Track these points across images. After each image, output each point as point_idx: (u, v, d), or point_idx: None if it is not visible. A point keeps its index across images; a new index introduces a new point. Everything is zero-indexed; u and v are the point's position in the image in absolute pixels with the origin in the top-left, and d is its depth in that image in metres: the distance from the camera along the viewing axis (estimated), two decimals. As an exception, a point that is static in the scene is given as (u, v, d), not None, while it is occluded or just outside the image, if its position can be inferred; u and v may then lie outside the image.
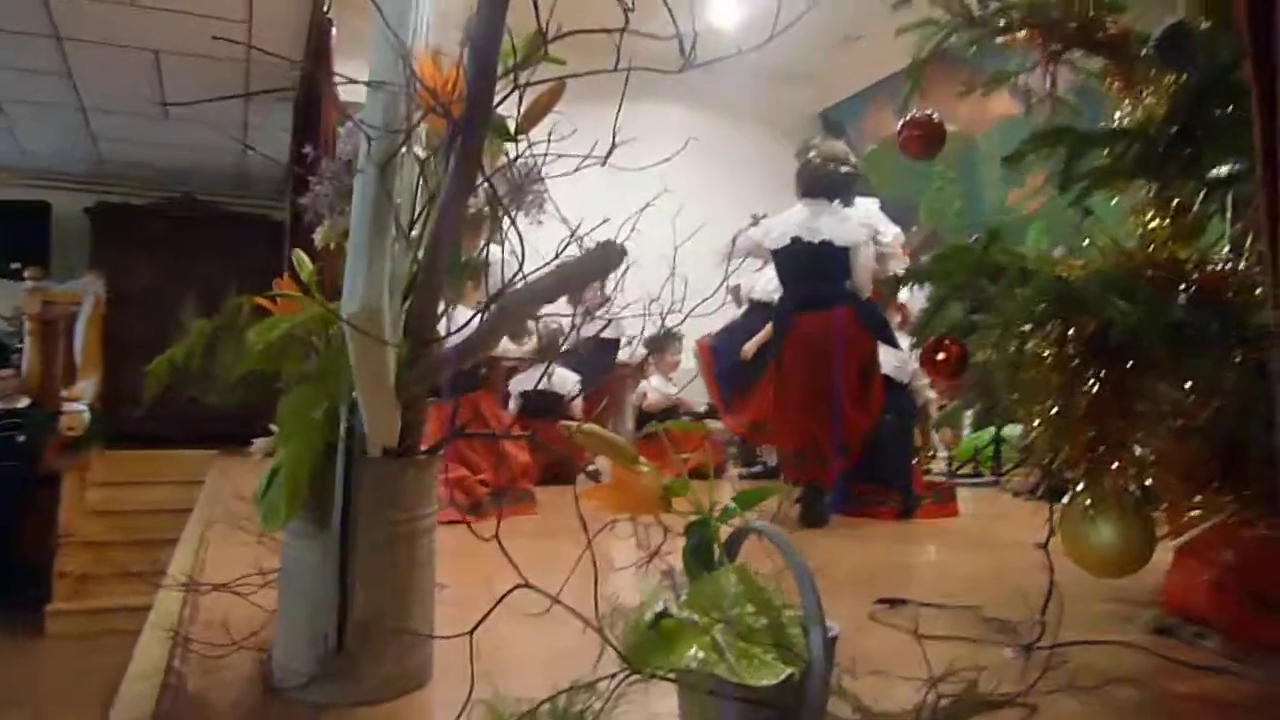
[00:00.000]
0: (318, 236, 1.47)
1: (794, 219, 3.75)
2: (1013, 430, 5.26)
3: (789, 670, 1.01)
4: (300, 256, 1.59)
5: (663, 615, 1.11)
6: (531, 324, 5.03)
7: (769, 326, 5.46)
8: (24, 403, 6.84)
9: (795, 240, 3.69)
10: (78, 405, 6.18)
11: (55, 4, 5.73)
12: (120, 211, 8.96)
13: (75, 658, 4.98)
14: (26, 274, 7.14)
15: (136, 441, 6.74)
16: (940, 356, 1.68)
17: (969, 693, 1.31)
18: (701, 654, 1.03)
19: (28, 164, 8.98)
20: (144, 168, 9.05)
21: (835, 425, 3.52)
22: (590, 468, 3.88)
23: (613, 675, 1.01)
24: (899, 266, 3.90)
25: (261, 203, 9.53)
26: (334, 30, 5.46)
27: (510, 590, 1.11)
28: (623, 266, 1.11)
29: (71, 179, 9.22)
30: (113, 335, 7.21)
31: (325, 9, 5.51)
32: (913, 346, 1.80)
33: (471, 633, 1.12)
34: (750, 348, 5.48)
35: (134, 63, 6.64)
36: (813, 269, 3.67)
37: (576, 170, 1.29)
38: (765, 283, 5.54)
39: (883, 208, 4.57)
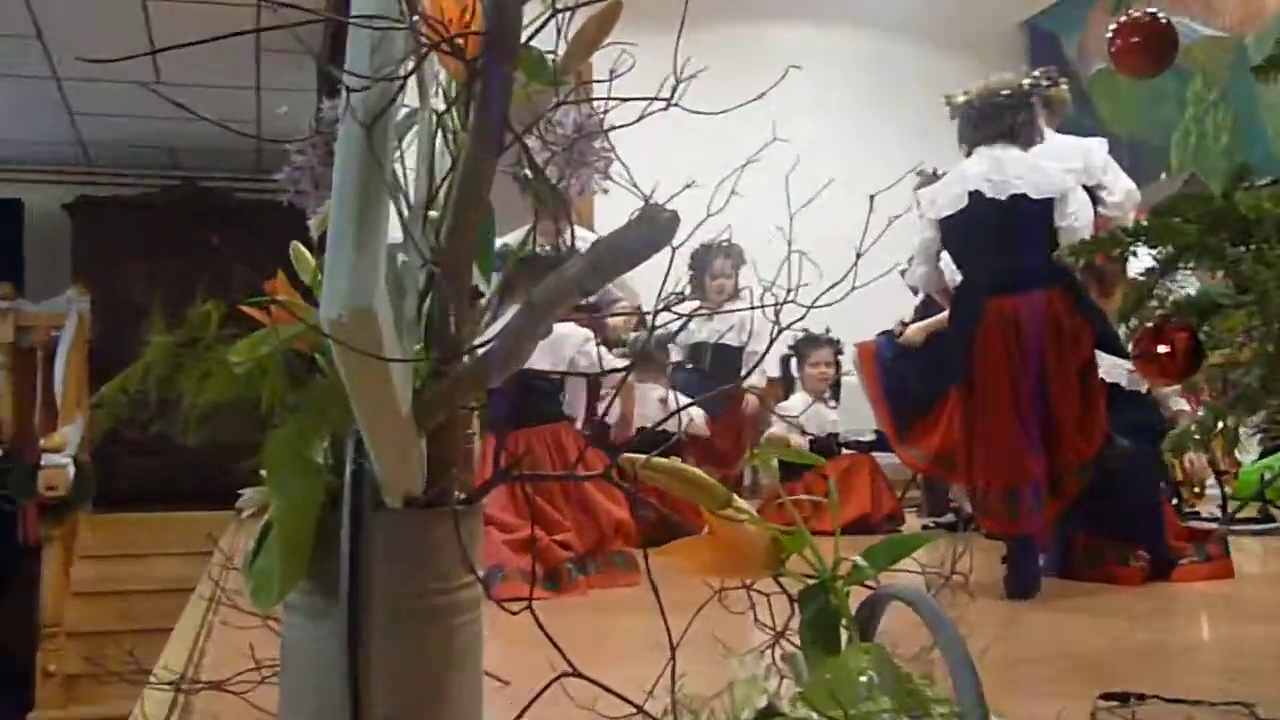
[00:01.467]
0: (312, 224, 1.52)
1: (968, 172, 3.67)
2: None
3: (938, 786, 1.00)
4: (299, 250, 1.65)
5: (769, 713, 1.11)
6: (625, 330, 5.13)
7: (944, 314, 5.39)
8: (-5, 456, 7.24)
9: (975, 196, 3.59)
10: (60, 458, 6.48)
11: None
12: (107, 206, 9.40)
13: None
14: (-7, 292, 7.55)
15: (133, 502, 7.05)
16: (1162, 349, 1.62)
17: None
18: (820, 765, 1.02)
19: (-6, 154, 9.54)
20: (134, 150, 9.48)
21: (1048, 454, 3.42)
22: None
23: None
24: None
25: (282, 185, 9.88)
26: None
27: (550, 683, 1.13)
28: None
29: (47, 169, 9.72)
30: (102, 364, 7.56)
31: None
32: (1127, 338, 1.74)
33: (513, 736, 1.14)
34: (915, 332, 5.42)
35: (118, 16, 6.98)
36: (1004, 236, 3.56)
37: (640, 120, 1.29)
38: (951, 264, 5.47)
39: (1114, 151, 4.44)
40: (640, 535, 4.22)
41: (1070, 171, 3.66)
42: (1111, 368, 3.72)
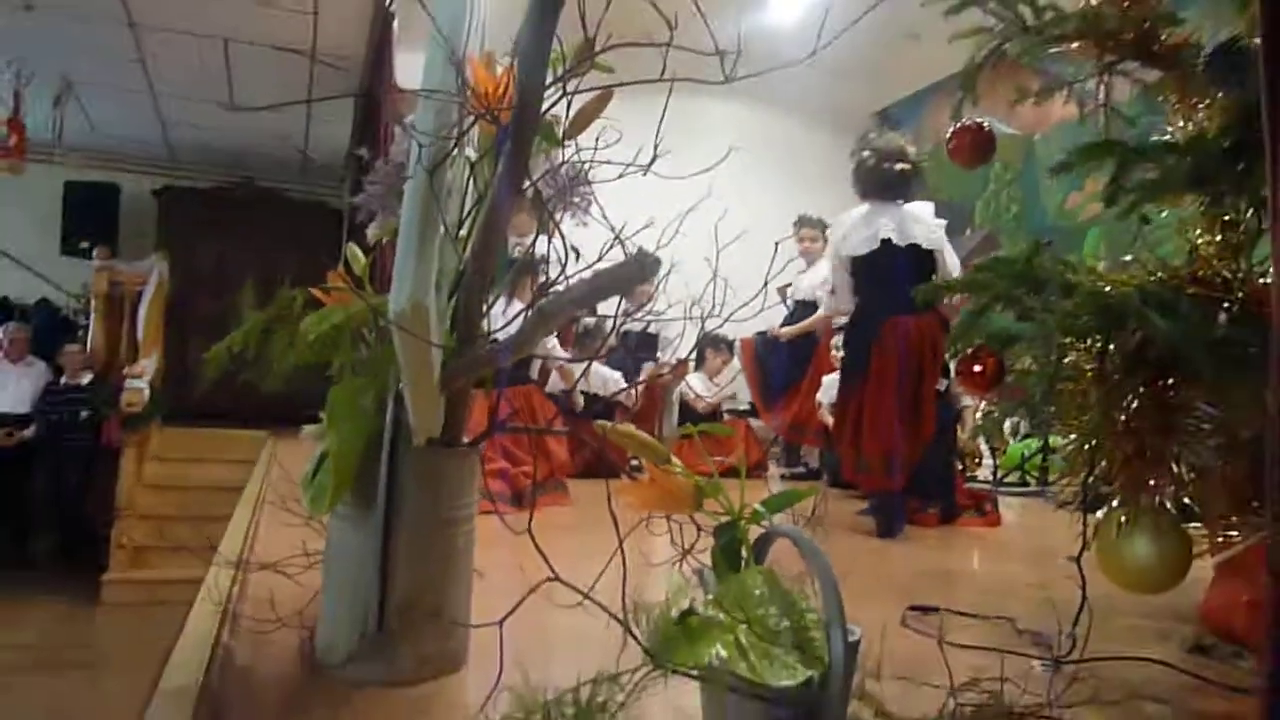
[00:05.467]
0: (370, 233, 1.52)
1: (874, 221, 3.68)
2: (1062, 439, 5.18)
3: (809, 673, 1.04)
4: (354, 250, 1.65)
5: (689, 613, 1.14)
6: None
7: (808, 320, 5.47)
8: (88, 378, 7.07)
9: (886, 243, 3.62)
10: (139, 382, 6.35)
11: (131, -9, 5.91)
12: (186, 195, 9.17)
13: (129, 626, 5.15)
14: (95, 253, 7.36)
15: (194, 419, 6.93)
16: (977, 368, 1.68)
17: (992, 702, 1.33)
18: (725, 653, 1.06)
19: (99, 145, 9.23)
20: (210, 152, 9.27)
21: (913, 431, 3.50)
22: (633, 463, 3.92)
23: (636, 669, 1.04)
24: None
25: (322, 189, 9.71)
26: (395, 22, 5.57)
27: (539, 584, 1.15)
28: (660, 274, 1.13)
29: (141, 162, 9.48)
30: (175, 315, 7.41)
31: (388, 2, 5.61)
32: (950, 357, 1.80)
33: (501, 622, 1.16)
34: (788, 332, 5.52)
35: (204, 50, 6.81)
36: (901, 273, 3.55)
37: (620, 177, 1.32)
38: (811, 282, 5.55)
39: (938, 210, 4.53)
40: (580, 468, 4.27)
41: (939, 229, 3.72)
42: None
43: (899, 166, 3.72)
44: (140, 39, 6.68)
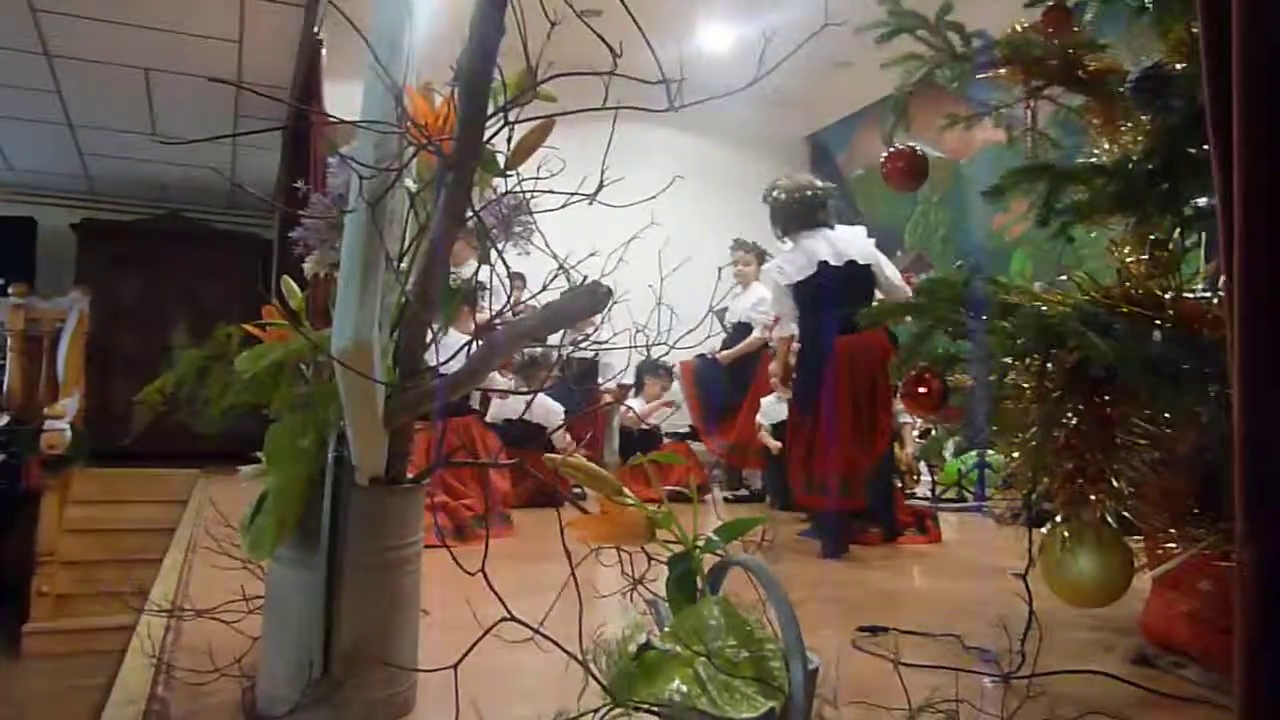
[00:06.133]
0: (307, 266, 1.48)
1: (808, 249, 3.72)
2: (998, 455, 5.28)
3: (770, 704, 1.02)
4: (290, 284, 1.61)
5: (646, 647, 1.12)
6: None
7: (745, 342, 5.50)
8: (4, 420, 6.79)
9: (823, 265, 3.66)
10: (60, 423, 6.12)
11: (45, 21, 5.74)
12: (107, 228, 8.91)
13: (54, 678, 4.93)
14: (11, 290, 7.09)
15: (119, 460, 6.69)
16: (921, 390, 1.70)
17: (949, 723, 1.33)
18: (684, 687, 1.04)
19: (14, 179, 8.97)
20: (131, 184, 9.05)
21: (868, 450, 3.51)
22: (575, 491, 3.88)
23: (597, 710, 1.02)
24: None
25: (250, 220, 9.53)
26: (324, 51, 5.50)
27: (495, 624, 1.12)
28: (609, 306, 1.12)
29: (58, 195, 9.20)
30: (96, 353, 7.17)
31: (315, 30, 5.54)
32: (895, 379, 1.81)
33: (456, 666, 1.13)
34: (728, 355, 5.54)
35: (124, 80, 6.66)
36: (843, 292, 3.59)
37: (564, 206, 1.30)
38: (746, 305, 5.59)
39: (869, 233, 4.61)
40: (523, 499, 4.22)
41: (871, 243, 3.79)
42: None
43: (809, 193, 3.80)
44: (56, 69, 6.50)
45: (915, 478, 5.95)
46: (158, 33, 5.84)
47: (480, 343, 1.21)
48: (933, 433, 1.95)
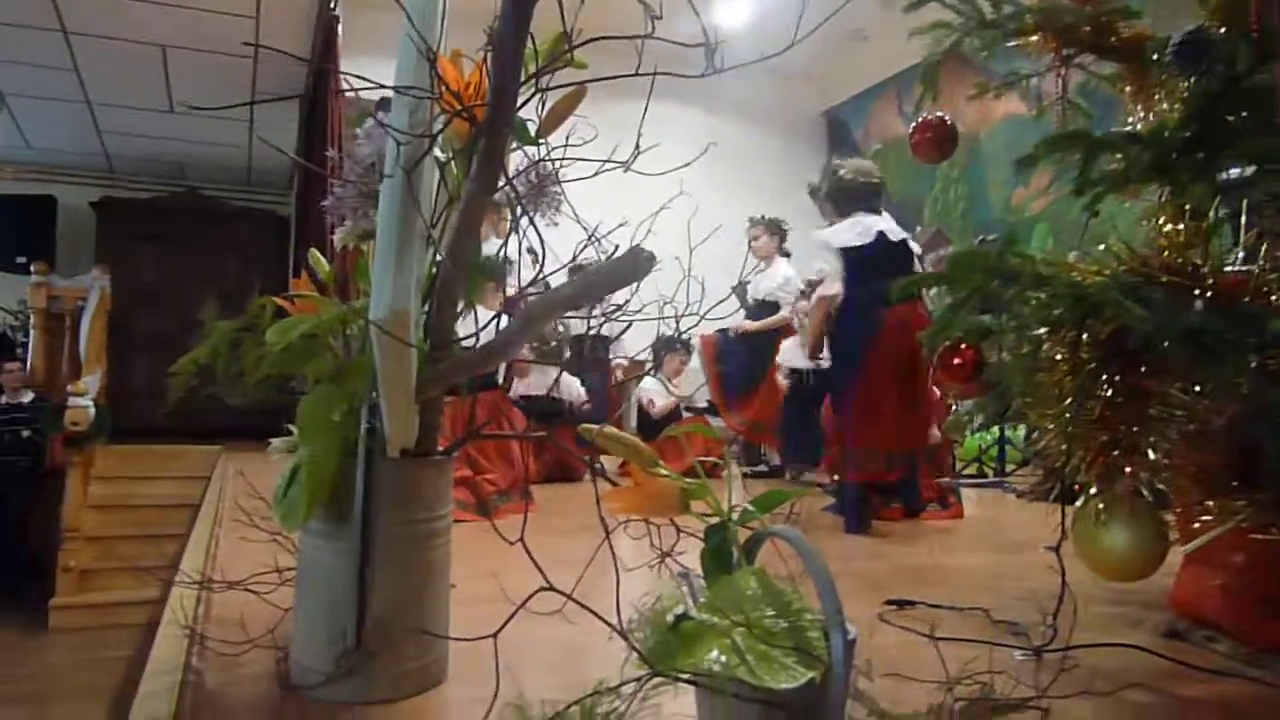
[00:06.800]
0: (338, 237, 1.47)
1: (863, 222, 3.74)
2: (1018, 431, 5.25)
3: (810, 674, 1.02)
4: (317, 256, 1.60)
5: (683, 618, 1.12)
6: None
7: (773, 318, 5.48)
8: (29, 397, 6.84)
9: (881, 237, 3.70)
10: (82, 400, 6.16)
11: (62, -1, 5.73)
12: (126, 206, 8.95)
13: (79, 651, 4.99)
14: (32, 268, 7.13)
15: (141, 436, 6.74)
16: (956, 361, 1.68)
17: (984, 696, 1.32)
18: (723, 656, 1.03)
19: (34, 158, 8.98)
20: (150, 162, 9.06)
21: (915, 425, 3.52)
22: (598, 465, 3.86)
23: (637, 678, 1.02)
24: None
25: (267, 197, 9.54)
26: (340, 26, 5.47)
27: (534, 593, 1.12)
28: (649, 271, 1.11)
29: (77, 173, 9.22)
30: (118, 330, 7.21)
31: (332, 6, 5.51)
32: (929, 351, 1.79)
33: (496, 635, 1.13)
34: (753, 326, 5.51)
35: (141, 57, 6.65)
36: (894, 266, 3.60)
37: (596, 175, 1.29)
38: (772, 284, 5.56)
39: (887, 206, 4.58)
40: (538, 476, 4.24)
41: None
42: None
43: (875, 179, 3.84)
44: (74, 47, 6.50)
45: (958, 443, 5.84)
46: (174, 9, 5.83)
47: (509, 317, 1.20)
48: (955, 408, 1.93)
